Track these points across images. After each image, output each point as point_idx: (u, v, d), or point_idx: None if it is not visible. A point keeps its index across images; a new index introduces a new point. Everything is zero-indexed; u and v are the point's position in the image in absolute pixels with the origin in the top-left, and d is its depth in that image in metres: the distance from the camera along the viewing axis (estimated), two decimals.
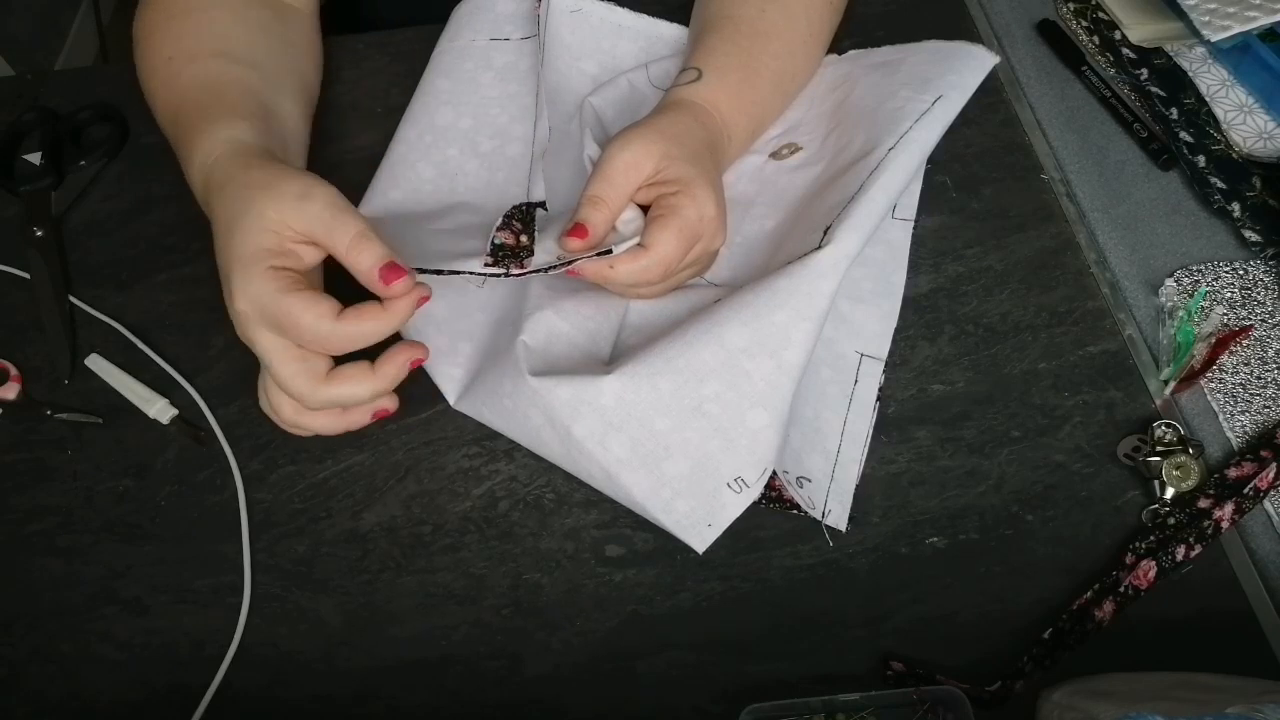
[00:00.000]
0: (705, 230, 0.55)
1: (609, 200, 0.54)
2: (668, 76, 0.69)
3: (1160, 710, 0.41)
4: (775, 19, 0.64)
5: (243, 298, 0.47)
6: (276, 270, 0.48)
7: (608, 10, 0.71)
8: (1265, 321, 0.63)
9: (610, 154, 0.55)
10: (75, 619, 0.55)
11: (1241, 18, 0.69)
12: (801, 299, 0.52)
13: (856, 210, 0.54)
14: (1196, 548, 0.54)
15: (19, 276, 0.66)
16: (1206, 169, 0.68)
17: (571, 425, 0.52)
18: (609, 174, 0.54)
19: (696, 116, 0.59)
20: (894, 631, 0.54)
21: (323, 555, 0.57)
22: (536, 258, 0.55)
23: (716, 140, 0.60)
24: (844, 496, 0.56)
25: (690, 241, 0.54)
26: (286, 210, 0.48)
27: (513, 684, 0.53)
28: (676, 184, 0.54)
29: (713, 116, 0.60)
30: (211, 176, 0.52)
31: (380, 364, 0.50)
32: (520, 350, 0.55)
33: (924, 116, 0.58)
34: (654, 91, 0.68)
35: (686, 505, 0.52)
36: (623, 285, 0.55)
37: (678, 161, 0.55)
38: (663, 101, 0.61)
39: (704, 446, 0.52)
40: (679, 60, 0.69)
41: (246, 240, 0.48)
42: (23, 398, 0.62)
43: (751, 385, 0.52)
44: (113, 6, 2.18)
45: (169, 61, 0.60)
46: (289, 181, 0.49)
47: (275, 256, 0.48)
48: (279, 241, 0.48)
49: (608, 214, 0.54)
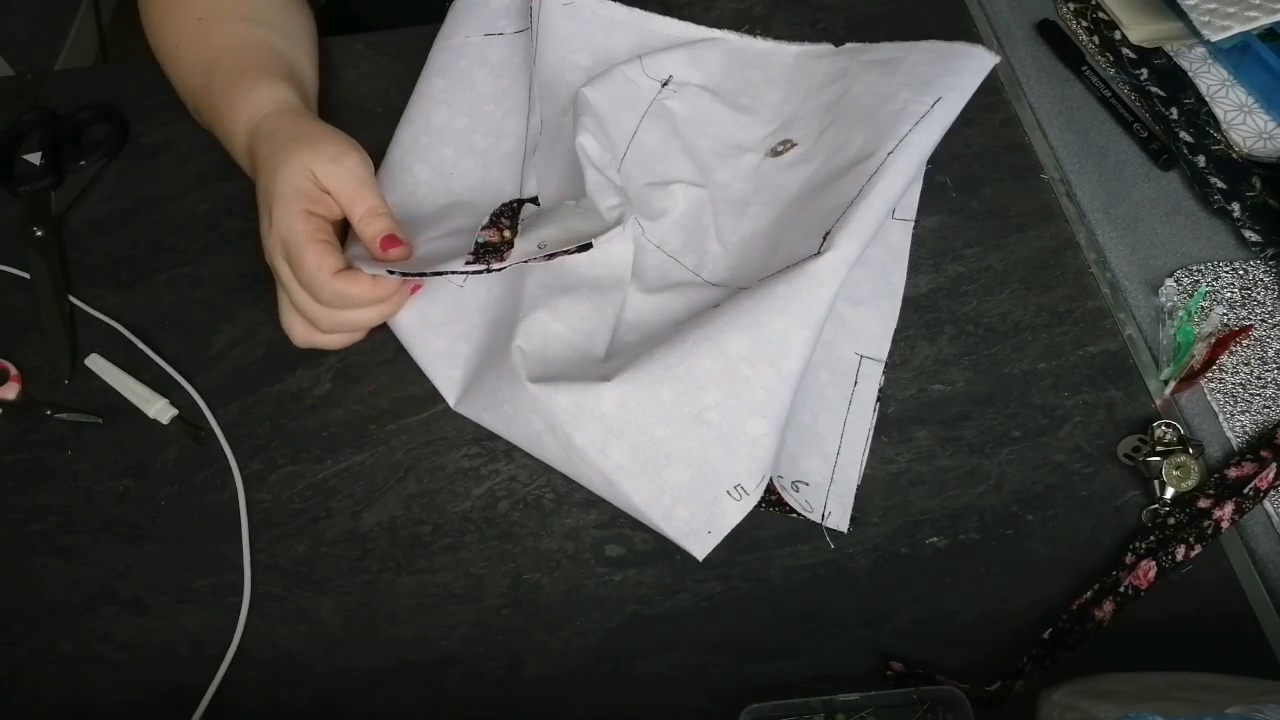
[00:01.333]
0: None
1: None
2: (662, 69, 0.69)
3: (1160, 710, 0.41)
4: None
5: (275, 231, 0.55)
6: (309, 214, 0.55)
7: (600, 4, 0.72)
8: (1265, 321, 0.63)
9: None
10: (75, 619, 0.55)
11: (1241, 18, 0.69)
12: (801, 306, 0.52)
13: (856, 215, 0.54)
14: (1196, 548, 0.54)
15: (19, 276, 0.66)
16: (1206, 169, 0.68)
17: (573, 433, 0.52)
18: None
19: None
20: (894, 631, 0.54)
21: (323, 555, 0.57)
22: (516, 249, 0.55)
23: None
24: (845, 498, 0.56)
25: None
26: (320, 166, 0.55)
27: (512, 684, 0.53)
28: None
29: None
30: (260, 128, 0.59)
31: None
32: (516, 356, 0.55)
33: (923, 119, 0.58)
34: (649, 83, 0.68)
35: (687, 512, 0.52)
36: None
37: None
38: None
39: (704, 454, 0.52)
40: (673, 53, 0.69)
41: (287, 181, 0.55)
42: (23, 398, 0.62)
43: (751, 393, 0.52)
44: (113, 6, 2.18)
45: (200, 22, 0.66)
46: (328, 143, 0.57)
47: (309, 201, 0.55)
48: (312, 188, 0.56)
49: None
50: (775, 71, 0.71)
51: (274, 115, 0.60)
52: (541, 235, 0.56)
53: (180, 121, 0.73)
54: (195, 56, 0.65)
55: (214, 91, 0.63)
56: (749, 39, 0.72)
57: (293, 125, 0.58)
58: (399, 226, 0.57)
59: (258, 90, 0.61)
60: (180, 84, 0.68)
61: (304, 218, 0.54)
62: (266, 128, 0.59)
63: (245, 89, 0.61)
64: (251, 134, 0.60)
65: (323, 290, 0.54)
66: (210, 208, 0.69)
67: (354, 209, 0.56)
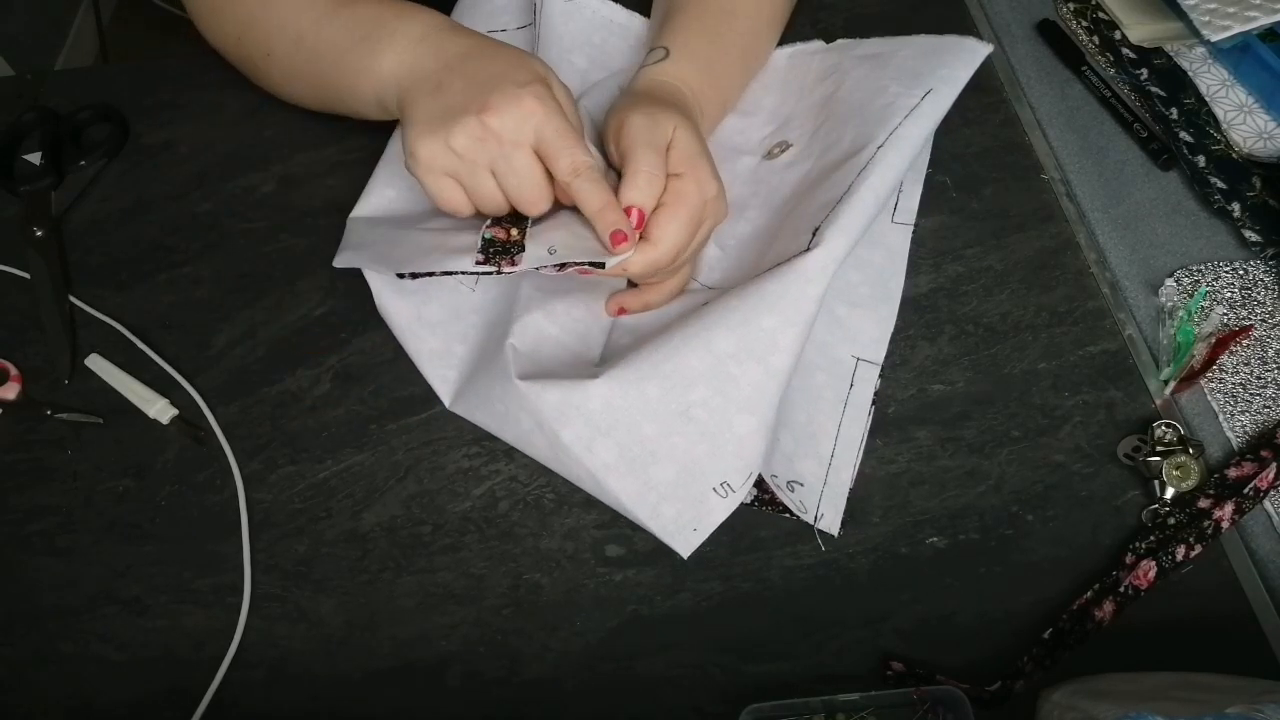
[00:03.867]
0: (709, 211, 0.55)
1: (660, 173, 0.53)
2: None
3: (1160, 710, 0.41)
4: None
5: (544, 91, 0.52)
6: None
7: (601, 3, 0.72)
8: (1265, 321, 0.63)
9: (640, 123, 0.54)
10: (75, 619, 0.55)
11: (1241, 18, 0.69)
12: (789, 304, 0.52)
13: (845, 211, 0.53)
14: (1196, 548, 0.54)
15: (19, 276, 0.66)
16: (1206, 169, 0.68)
17: (559, 430, 0.52)
18: (655, 144, 0.53)
19: (670, 95, 0.59)
20: (894, 631, 0.54)
21: (323, 555, 0.57)
22: (529, 253, 0.55)
23: (694, 116, 0.60)
24: (837, 501, 0.56)
25: (695, 226, 0.55)
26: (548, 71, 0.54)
27: (513, 684, 0.53)
28: (681, 164, 0.54)
29: (683, 93, 0.60)
30: (441, 25, 0.56)
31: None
32: (509, 353, 0.55)
33: (913, 112, 0.57)
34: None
35: (673, 510, 0.52)
36: (637, 278, 0.57)
37: (687, 134, 0.55)
38: (632, 85, 0.61)
39: (690, 452, 0.52)
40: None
41: (532, 63, 0.53)
42: (23, 398, 0.62)
43: (738, 390, 0.51)
44: (113, 6, 2.18)
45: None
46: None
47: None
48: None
49: (661, 186, 0.54)
50: (770, 75, 0.71)
51: (448, 25, 0.57)
52: (551, 239, 0.56)
53: (180, 121, 0.73)
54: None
55: (360, 22, 0.58)
56: None
57: (479, 36, 0.56)
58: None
59: (412, 13, 0.57)
60: (296, 24, 0.61)
61: (555, 104, 0.52)
62: (444, 35, 0.56)
63: (398, 14, 0.57)
64: (420, 39, 0.56)
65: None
66: (210, 208, 0.69)
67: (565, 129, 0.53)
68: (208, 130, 0.73)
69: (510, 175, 0.52)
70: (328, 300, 0.65)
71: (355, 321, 0.64)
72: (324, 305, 0.65)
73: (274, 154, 0.71)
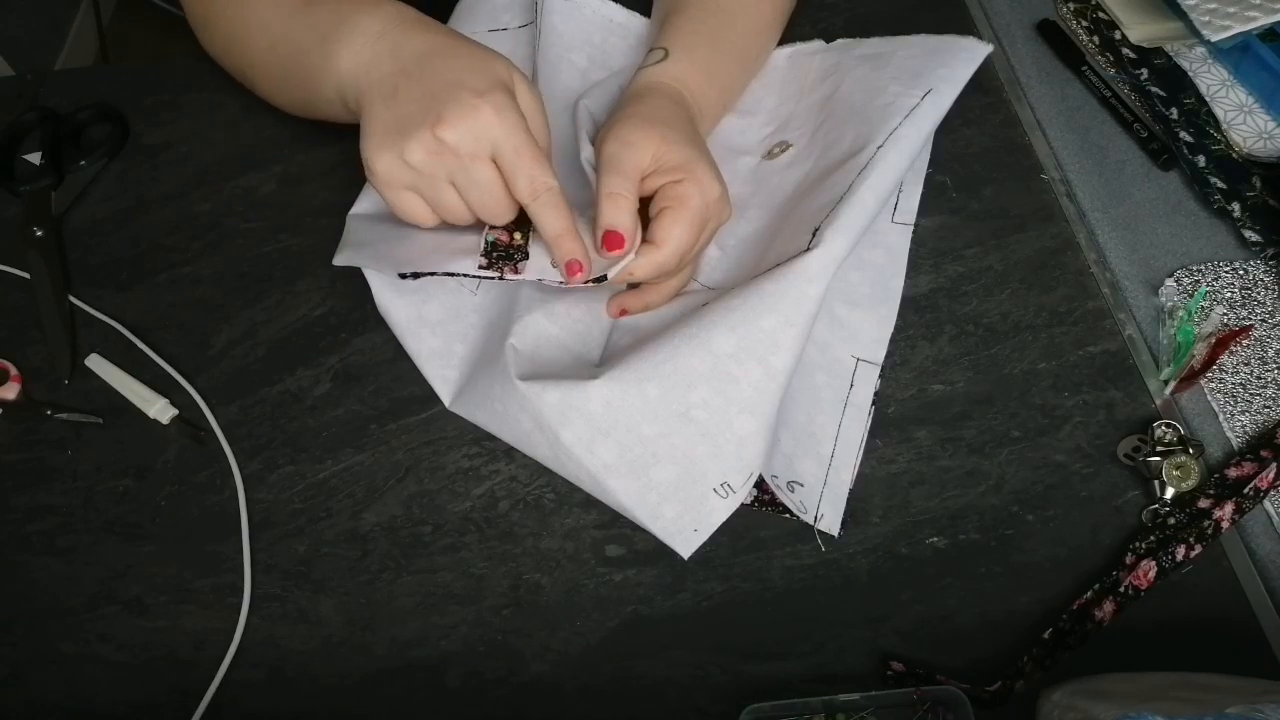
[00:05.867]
0: (712, 213, 0.55)
1: (628, 195, 0.53)
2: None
3: (1160, 710, 0.41)
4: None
5: (504, 100, 0.50)
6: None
7: (600, 3, 0.72)
8: (1265, 321, 0.63)
9: (614, 150, 0.54)
10: (75, 619, 0.55)
11: (1241, 18, 0.69)
12: (789, 304, 0.52)
13: (845, 211, 0.53)
14: (1196, 548, 0.54)
15: (19, 276, 0.66)
16: (1206, 169, 0.68)
17: (560, 430, 0.52)
18: (622, 169, 0.54)
19: (670, 96, 0.59)
20: (894, 631, 0.54)
21: (323, 555, 0.57)
22: (533, 261, 0.55)
23: (693, 117, 0.60)
24: (837, 501, 0.56)
25: (700, 227, 0.55)
26: (513, 73, 0.53)
27: (512, 684, 0.53)
28: (678, 170, 0.54)
29: (683, 94, 0.60)
30: (402, 20, 0.54)
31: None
32: (509, 354, 0.55)
33: (913, 112, 0.57)
34: None
35: (673, 510, 0.52)
36: (642, 280, 0.57)
37: (675, 146, 0.54)
38: (632, 86, 0.61)
39: (691, 452, 0.52)
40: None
41: (495, 66, 0.51)
42: (23, 398, 0.62)
43: (739, 391, 0.51)
44: (113, 6, 2.18)
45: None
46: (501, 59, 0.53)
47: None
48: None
49: (630, 208, 0.54)
50: (770, 75, 0.71)
51: (411, 15, 0.55)
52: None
53: (180, 121, 0.73)
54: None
55: (325, 13, 0.56)
56: None
57: (442, 30, 0.55)
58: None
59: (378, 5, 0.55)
60: (273, 20, 0.60)
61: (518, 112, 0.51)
62: (407, 26, 0.54)
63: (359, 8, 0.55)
64: (379, 36, 0.54)
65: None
66: (210, 208, 0.69)
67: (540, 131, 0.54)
68: (208, 130, 0.73)
69: (472, 189, 0.51)
70: (328, 300, 0.65)
71: (355, 321, 0.64)
72: (324, 305, 0.65)
73: (274, 154, 0.71)
